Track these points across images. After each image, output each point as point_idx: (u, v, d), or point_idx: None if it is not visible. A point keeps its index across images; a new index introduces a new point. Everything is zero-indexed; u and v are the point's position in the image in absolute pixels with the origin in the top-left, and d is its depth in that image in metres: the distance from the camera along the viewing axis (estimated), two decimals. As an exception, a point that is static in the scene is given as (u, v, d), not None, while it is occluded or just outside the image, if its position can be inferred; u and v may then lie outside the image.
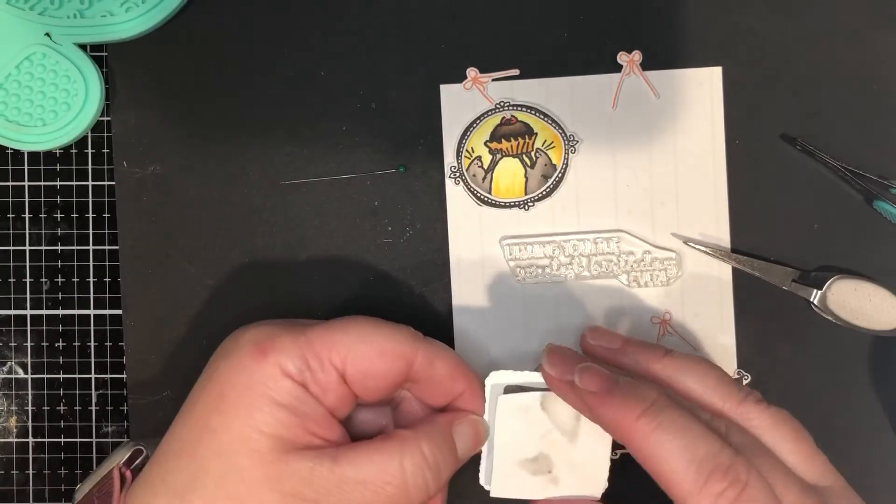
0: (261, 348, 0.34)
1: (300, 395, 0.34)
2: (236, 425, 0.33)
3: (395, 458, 0.34)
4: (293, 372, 0.34)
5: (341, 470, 0.33)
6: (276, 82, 0.43)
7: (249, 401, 0.33)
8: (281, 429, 0.33)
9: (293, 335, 0.34)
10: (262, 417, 0.33)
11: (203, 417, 0.34)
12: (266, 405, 0.33)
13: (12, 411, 0.44)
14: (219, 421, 0.33)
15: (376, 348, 0.35)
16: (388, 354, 0.35)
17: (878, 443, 0.42)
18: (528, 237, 0.43)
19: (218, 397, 0.34)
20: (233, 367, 0.34)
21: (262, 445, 0.33)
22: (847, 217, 0.42)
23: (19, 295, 0.44)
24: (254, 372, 0.34)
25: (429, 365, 0.36)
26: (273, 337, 0.34)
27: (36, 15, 0.42)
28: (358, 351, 0.35)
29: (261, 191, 0.43)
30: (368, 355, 0.35)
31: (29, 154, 0.44)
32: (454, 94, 0.43)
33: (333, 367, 0.34)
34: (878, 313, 0.41)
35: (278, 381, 0.33)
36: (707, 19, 0.42)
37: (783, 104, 0.42)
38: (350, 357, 0.34)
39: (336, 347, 0.34)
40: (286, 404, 0.33)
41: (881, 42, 0.42)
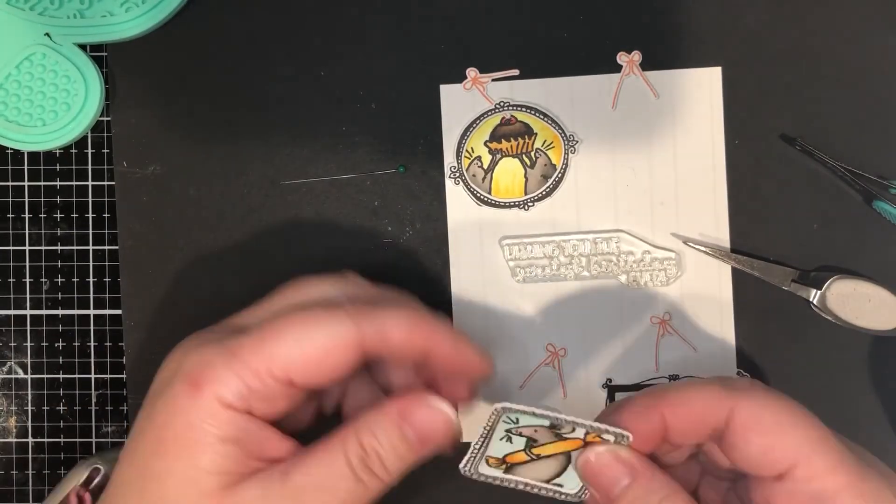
0: (194, 383, 0.32)
1: (244, 424, 0.32)
2: (179, 469, 0.31)
3: (339, 454, 0.32)
4: (233, 401, 0.32)
5: (293, 481, 0.31)
6: (276, 82, 0.43)
7: (190, 442, 0.31)
8: (227, 464, 0.31)
9: (226, 359, 0.32)
10: (206, 457, 0.31)
11: (144, 462, 0.32)
12: (209, 444, 0.31)
13: (12, 411, 0.44)
14: (161, 466, 0.32)
15: (318, 349, 0.32)
16: (331, 351, 0.32)
17: (878, 443, 0.42)
18: (528, 237, 0.43)
19: (156, 441, 0.32)
20: (168, 407, 0.32)
21: (208, 485, 0.31)
22: (847, 217, 0.42)
23: (19, 295, 0.44)
24: (191, 410, 0.31)
25: (381, 340, 0.33)
26: (206, 367, 0.32)
27: (36, 15, 0.42)
28: (297, 357, 0.32)
29: (261, 191, 0.43)
30: (312, 358, 0.32)
31: (29, 154, 0.44)
32: (454, 94, 0.43)
33: (275, 379, 0.32)
34: (878, 313, 0.41)
35: (218, 415, 0.31)
36: (707, 19, 0.42)
37: (783, 104, 0.42)
38: (291, 366, 0.32)
39: (274, 360, 0.32)
40: (230, 437, 0.31)
41: (881, 42, 0.42)
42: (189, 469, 0.31)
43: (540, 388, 0.43)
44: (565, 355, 0.43)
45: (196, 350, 0.33)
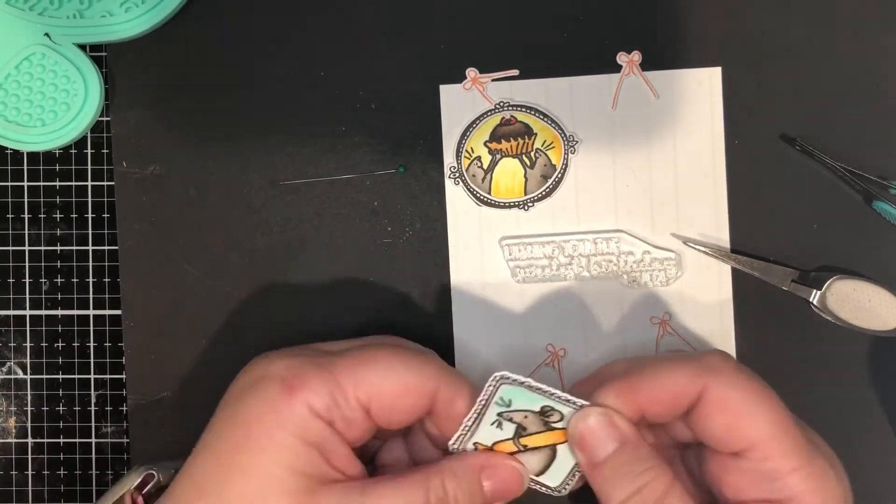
0: (288, 385, 0.33)
1: (327, 434, 0.33)
2: (265, 465, 0.32)
3: (421, 490, 0.33)
4: (321, 410, 0.33)
5: (370, 501, 0.33)
6: (276, 82, 0.43)
7: (279, 440, 0.33)
8: (310, 467, 0.33)
9: (319, 371, 0.34)
10: (292, 457, 0.33)
11: (228, 455, 0.33)
12: (295, 444, 0.33)
13: (11, 412, 0.44)
14: (247, 460, 0.33)
15: (402, 385, 0.34)
16: (413, 392, 0.35)
17: (877, 443, 0.42)
18: (528, 237, 0.43)
19: (244, 435, 0.33)
20: (259, 403, 0.34)
21: (291, 485, 0.32)
22: (846, 217, 0.42)
23: (19, 295, 0.44)
24: (282, 410, 0.33)
25: (449, 402, 0.35)
26: (300, 373, 0.34)
27: (35, 15, 0.42)
28: (384, 388, 0.34)
29: (261, 191, 0.43)
30: (395, 392, 0.34)
31: (28, 154, 0.44)
32: (454, 94, 0.43)
33: (359, 403, 0.34)
34: (878, 313, 0.41)
35: (307, 420, 0.33)
36: (707, 19, 0.42)
37: (783, 104, 0.42)
38: (376, 394, 0.34)
39: (362, 384, 0.34)
40: (314, 443, 0.33)
41: (881, 42, 0.42)
42: (274, 466, 0.32)
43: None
44: (565, 355, 0.43)
45: (287, 356, 0.35)
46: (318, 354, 0.35)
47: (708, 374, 0.34)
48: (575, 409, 0.34)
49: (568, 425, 0.35)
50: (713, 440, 0.34)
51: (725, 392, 0.33)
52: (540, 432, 0.35)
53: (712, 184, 0.42)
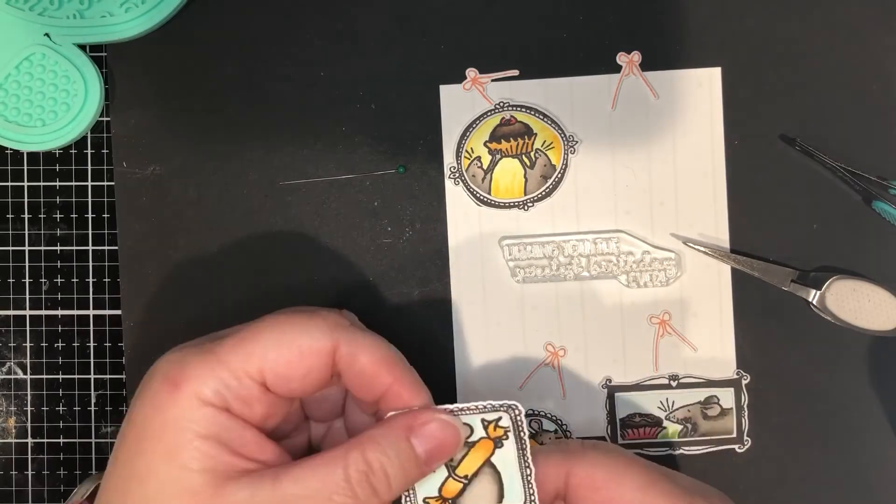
0: (172, 381, 0.32)
1: (223, 421, 0.32)
2: (162, 467, 0.31)
3: (339, 467, 0.31)
4: (210, 397, 0.32)
5: (283, 488, 0.31)
6: (276, 82, 0.43)
7: (171, 439, 0.31)
8: (210, 461, 0.31)
9: (203, 357, 0.32)
10: (188, 454, 0.31)
11: (127, 465, 0.32)
12: (189, 441, 0.31)
13: (11, 412, 0.44)
14: (142, 465, 0.31)
15: (294, 350, 0.33)
16: (306, 354, 0.33)
17: (877, 443, 0.42)
18: (528, 237, 0.43)
19: (137, 441, 0.32)
20: (147, 406, 0.32)
21: (193, 483, 0.31)
22: (846, 217, 0.42)
23: (18, 295, 0.44)
24: (169, 407, 0.31)
25: (352, 359, 0.33)
26: (183, 365, 0.32)
27: (35, 15, 0.42)
28: (275, 356, 0.32)
29: (261, 191, 0.43)
30: (287, 359, 0.33)
31: (28, 154, 0.44)
32: (454, 94, 0.43)
33: (251, 379, 0.32)
34: (877, 313, 0.41)
35: (197, 411, 0.31)
36: (707, 20, 0.42)
37: (782, 104, 0.42)
38: (267, 365, 0.32)
39: (250, 358, 0.32)
40: (211, 434, 0.31)
41: (881, 42, 0.42)
42: (171, 467, 0.31)
43: (539, 388, 0.43)
44: (565, 355, 0.43)
45: (175, 352, 0.34)
46: (208, 340, 0.34)
47: (570, 458, 0.34)
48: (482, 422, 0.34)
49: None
50: None
51: (590, 470, 0.34)
52: (467, 454, 0.34)
53: (712, 184, 0.42)
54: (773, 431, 0.42)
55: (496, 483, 0.34)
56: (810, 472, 0.42)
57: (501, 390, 0.42)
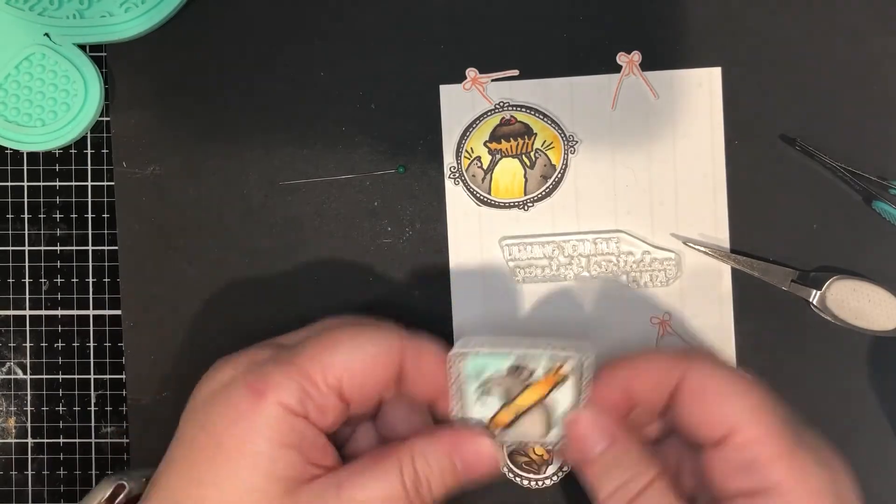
0: (256, 389, 0.32)
1: (303, 430, 0.33)
2: (243, 476, 0.32)
3: (396, 474, 0.33)
4: (295, 407, 0.33)
5: (349, 494, 0.32)
6: (276, 82, 0.43)
7: (254, 448, 0.32)
8: (288, 470, 0.32)
9: (284, 367, 0.33)
10: (269, 463, 0.32)
11: (201, 472, 0.32)
12: (271, 449, 0.32)
13: (11, 412, 0.44)
14: (222, 474, 0.32)
15: (370, 358, 0.34)
16: (381, 361, 0.34)
17: (877, 443, 0.42)
18: (528, 237, 0.43)
19: (215, 448, 0.32)
20: (229, 412, 0.33)
21: (272, 492, 0.32)
22: (846, 217, 0.42)
23: (18, 295, 0.44)
24: (254, 416, 0.32)
25: (417, 362, 0.35)
26: (265, 374, 0.33)
27: (35, 15, 0.42)
28: (353, 365, 0.34)
29: (261, 191, 0.43)
30: (364, 367, 0.34)
31: (28, 154, 0.44)
32: (454, 94, 0.43)
33: (331, 388, 0.33)
34: (877, 313, 0.41)
35: (282, 421, 0.32)
36: (707, 19, 0.42)
37: (783, 104, 0.42)
38: (346, 374, 0.34)
39: (331, 368, 0.33)
40: (293, 443, 0.32)
41: (881, 42, 0.42)
42: (252, 476, 0.32)
43: (540, 388, 0.43)
44: (565, 355, 0.43)
45: (246, 358, 0.34)
46: (278, 350, 0.35)
47: (687, 363, 0.34)
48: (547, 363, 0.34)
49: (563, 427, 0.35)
50: (694, 430, 0.34)
51: (704, 378, 0.33)
52: (523, 391, 0.35)
53: (712, 184, 0.42)
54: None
55: (544, 421, 0.35)
56: (810, 472, 0.42)
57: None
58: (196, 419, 0.34)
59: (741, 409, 0.33)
